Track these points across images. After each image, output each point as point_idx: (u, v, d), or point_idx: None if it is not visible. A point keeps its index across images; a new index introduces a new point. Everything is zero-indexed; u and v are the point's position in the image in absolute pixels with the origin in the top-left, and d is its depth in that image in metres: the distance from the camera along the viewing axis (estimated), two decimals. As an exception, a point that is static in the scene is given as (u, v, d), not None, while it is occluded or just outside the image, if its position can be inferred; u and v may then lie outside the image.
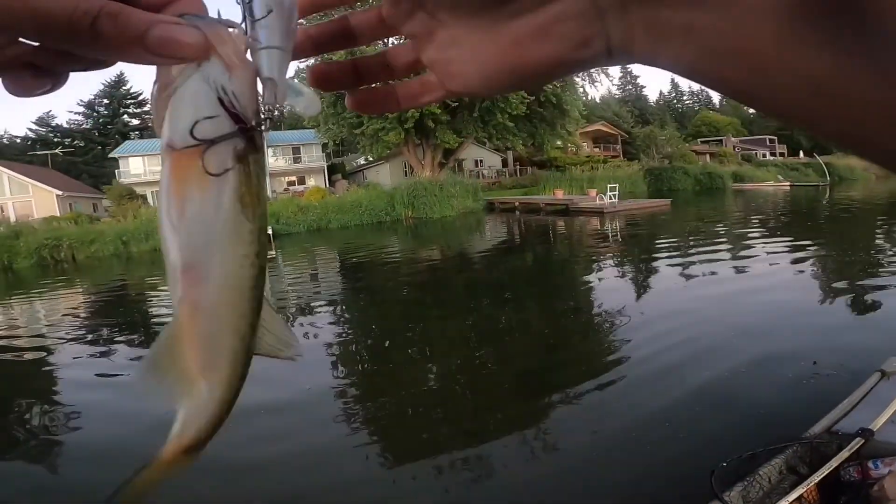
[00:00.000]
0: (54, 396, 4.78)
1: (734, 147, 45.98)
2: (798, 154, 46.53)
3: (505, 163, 37.46)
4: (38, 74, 0.21)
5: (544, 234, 14.82)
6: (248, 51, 0.22)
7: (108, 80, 48.09)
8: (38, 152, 40.62)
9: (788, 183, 29.89)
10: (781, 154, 49.08)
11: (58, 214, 24.62)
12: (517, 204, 23.09)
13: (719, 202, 19.58)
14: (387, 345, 5.39)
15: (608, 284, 7.45)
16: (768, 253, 8.49)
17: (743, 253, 8.63)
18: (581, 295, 7.15)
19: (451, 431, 3.38)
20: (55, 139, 45.17)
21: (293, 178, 37.06)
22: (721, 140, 46.90)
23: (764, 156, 46.61)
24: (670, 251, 9.49)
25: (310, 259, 13.82)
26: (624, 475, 2.53)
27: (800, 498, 1.51)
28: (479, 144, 32.90)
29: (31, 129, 46.56)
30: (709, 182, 28.37)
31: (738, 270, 7.53)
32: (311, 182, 36.00)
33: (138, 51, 0.20)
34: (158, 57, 0.20)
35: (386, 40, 0.32)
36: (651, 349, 4.30)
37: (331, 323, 6.70)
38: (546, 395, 3.72)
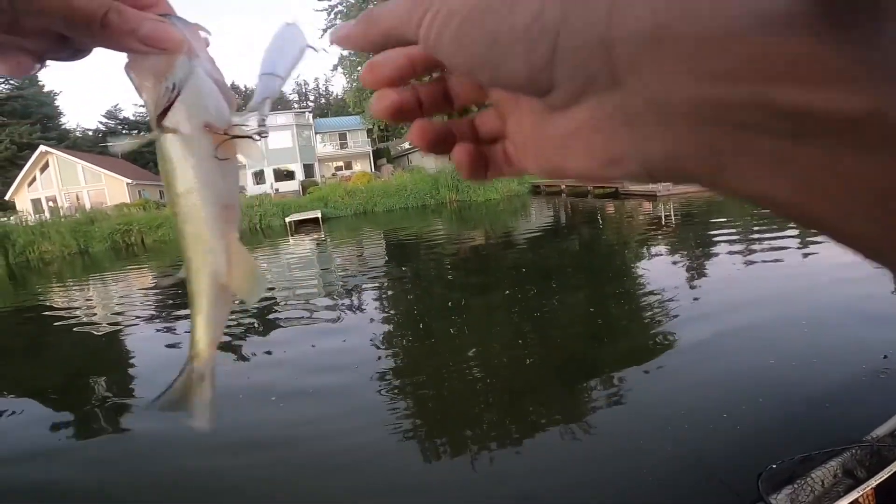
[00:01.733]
0: (129, 366, 5.22)
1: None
2: None
3: (552, 145, 36.59)
4: (32, 59, 0.26)
5: (592, 218, 14.41)
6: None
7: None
8: (109, 143, 43.69)
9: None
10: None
11: (128, 201, 26.48)
12: (564, 187, 22.51)
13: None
14: (430, 326, 5.47)
15: (660, 270, 7.16)
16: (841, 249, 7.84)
17: (812, 239, 8.04)
18: (630, 281, 6.92)
19: (492, 414, 3.40)
20: (123, 131, 48.40)
21: (340, 164, 37.90)
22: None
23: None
24: (730, 236, 8.98)
25: (357, 241, 14.16)
26: (665, 469, 2.46)
27: (854, 502, 1.42)
28: (525, 126, 32.21)
29: (101, 122, 50.16)
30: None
31: (806, 257, 7.04)
32: (357, 167, 36.70)
33: (131, 41, 0.25)
34: (147, 47, 0.25)
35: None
36: (704, 339, 4.13)
37: (376, 304, 6.87)
38: (590, 383, 3.66)
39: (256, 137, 0.29)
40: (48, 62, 0.28)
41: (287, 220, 19.33)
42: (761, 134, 0.14)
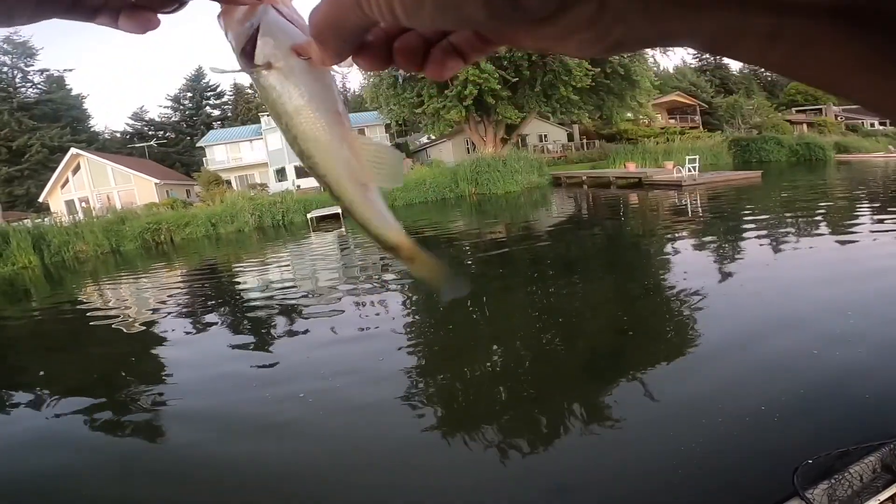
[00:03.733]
0: (161, 364, 5.40)
1: (836, 116, 41.01)
2: (914, 121, 40.48)
3: (571, 137, 36.13)
4: (152, 14, 0.30)
5: (615, 209, 14.20)
6: None
7: (190, 75, 51.77)
8: (136, 145, 44.90)
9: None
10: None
11: (157, 201, 27.21)
12: (585, 178, 22.23)
13: (819, 175, 17.51)
14: (453, 320, 5.49)
15: (687, 262, 7.01)
16: (877, 231, 7.57)
17: (847, 230, 7.75)
18: (656, 273, 6.81)
19: (520, 407, 3.41)
20: (150, 132, 49.64)
21: (360, 160, 38.10)
22: (820, 109, 42.02)
23: (872, 125, 41.15)
24: (759, 226, 8.74)
25: (378, 237, 14.26)
26: (699, 462, 2.43)
27: (893, 497, 1.39)
28: (543, 119, 31.91)
29: (128, 124, 51.51)
30: (807, 153, 25.55)
31: (843, 245, 6.82)
32: (377, 162, 36.83)
33: None
34: None
35: None
36: (735, 331, 4.05)
37: (398, 298, 6.94)
38: (618, 375, 3.62)
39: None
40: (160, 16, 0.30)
41: (308, 216, 19.61)
42: (750, 12, 0.16)
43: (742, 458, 2.40)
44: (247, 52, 0.30)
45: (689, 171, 16.95)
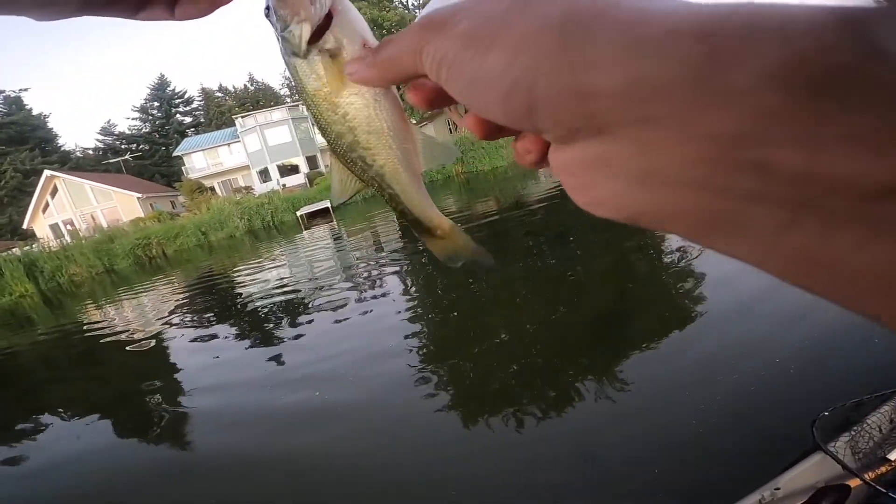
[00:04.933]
0: (176, 373, 5.46)
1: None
2: None
3: (552, 103, 35.90)
4: (167, 8, 0.29)
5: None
6: None
7: (152, 84, 50.44)
8: (111, 160, 43.99)
9: None
10: None
11: (142, 215, 26.84)
12: (570, 145, 22.17)
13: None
14: (455, 301, 5.56)
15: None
16: None
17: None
18: (654, 234, 6.89)
19: (527, 381, 3.48)
20: (122, 146, 48.59)
21: (341, 150, 37.63)
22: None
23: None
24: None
25: (370, 225, 14.25)
26: (717, 419, 2.53)
27: (916, 447, 1.47)
28: (523, 88, 31.59)
29: (98, 140, 50.38)
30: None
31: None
32: (359, 151, 36.42)
33: None
34: None
35: None
36: (736, 286, 4.11)
37: (398, 283, 6.99)
38: (625, 343, 3.69)
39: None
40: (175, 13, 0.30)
41: (298, 213, 19.48)
42: (756, 203, 0.13)
43: (761, 410, 2.50)
44: (315, 34, 0.28)
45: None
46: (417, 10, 25.81)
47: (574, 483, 2.44)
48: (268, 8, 0.29)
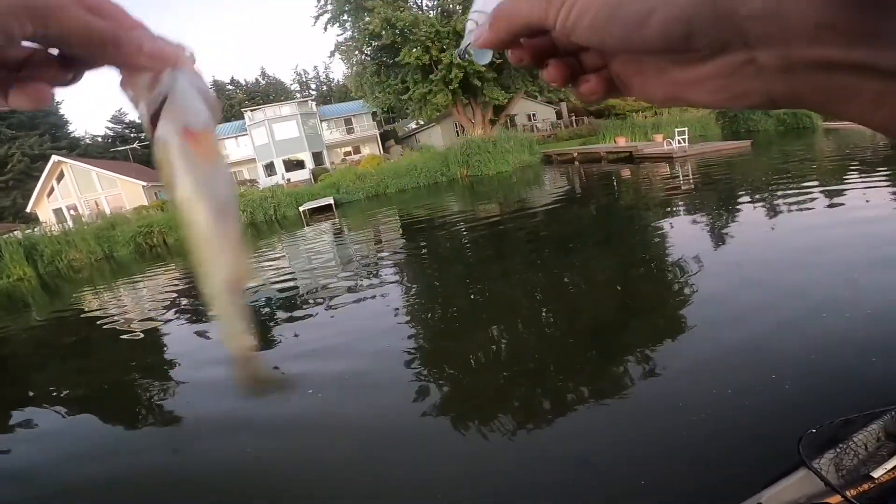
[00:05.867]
0: (171, 365, 5.44)
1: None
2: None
3: (559, 115, 35.91)
4: (48, 87, 0.29)
5: (608, 184, 14.22)
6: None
7: (167, 72, 50.73)
8: (119, 148, 44.17)
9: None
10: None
11: (146, 203, 26.90)
12: (576, 154, 22.16)
13: (808, 143, 17.56)
14: (454, 304, 5.54)
15: (683, 232, 7.06)
16: (867, 198, 7.57)
17: (838, 197, 7.80)
18: (653, 245, 6.86)
19: (523, 387, 3.46)
20: (131, 134, 48.80)
21: (348, 149, 37.77)
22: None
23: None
24: (754, 195, 8.76)
25: (372, 224, 14.24)
26: (700, 436, 2.51)
27: (899, 465, 1.45)
28: (531, 98, 31.66)
29: (108, 128, 50.62)
30: (794, 122, 25.53)
31: (832, 207, 6.88)
32: (365, 150, 36.54)
33: (139, 58, 0.29)
34: (151, 61, 0.29)
35: None
36: (733, 300, 4.11)
37: (396, 285, 6.97)
38: (622, 350, 3.68)
39: (222, 149, 0.32)
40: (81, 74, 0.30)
41: (301, 208, 19.49)
42: (862, 76, 0.19)
43: (750, 426, 2.47)
44: (154, 123, 0.29)
45: (679, 143, 16.93)
46: (431, 11, 25.86)
47: (560, 487, 2.40)
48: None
